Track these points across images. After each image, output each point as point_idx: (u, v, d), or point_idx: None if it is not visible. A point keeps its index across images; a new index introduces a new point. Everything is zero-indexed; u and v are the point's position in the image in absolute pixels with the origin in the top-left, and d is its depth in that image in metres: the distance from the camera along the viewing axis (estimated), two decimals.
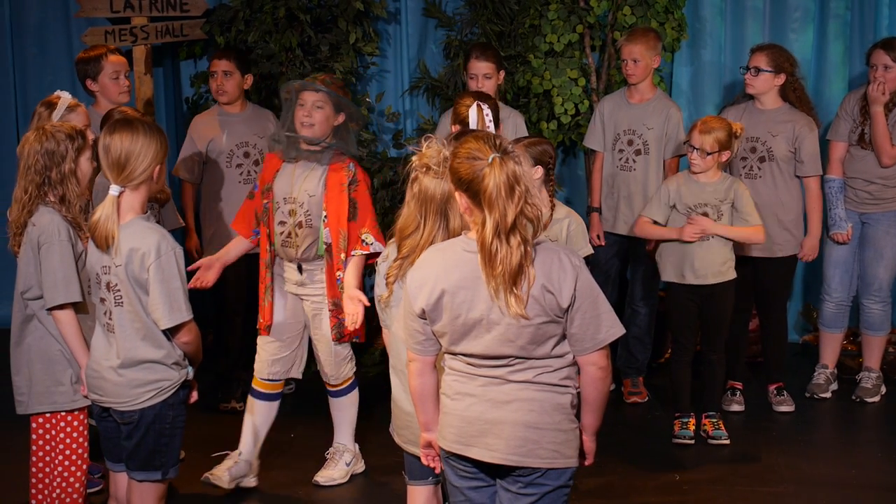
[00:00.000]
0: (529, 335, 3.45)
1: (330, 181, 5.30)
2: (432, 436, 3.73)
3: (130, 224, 4.02)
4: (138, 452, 4.12)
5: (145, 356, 4.07)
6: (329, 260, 5.31)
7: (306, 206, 5.30)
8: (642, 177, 6.67)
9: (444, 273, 3.47)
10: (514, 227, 3.38)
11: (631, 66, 6.60)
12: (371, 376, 7.23)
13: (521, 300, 3.39)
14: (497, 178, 3.37)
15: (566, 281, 3.44)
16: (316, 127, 5.28)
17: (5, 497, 5.46)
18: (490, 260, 3.39)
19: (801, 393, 6.78)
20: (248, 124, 6.76)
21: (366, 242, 5.26)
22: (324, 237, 5.30)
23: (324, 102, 5.28)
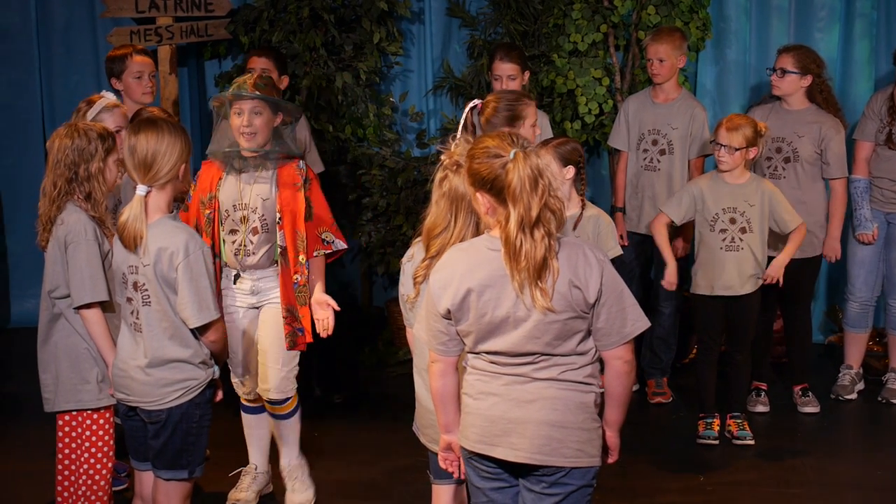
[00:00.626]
0: (556, 331, 3.45)
1: (282, 181, 5.06)
2: (452, 437, 3.72)
3: (158, 223, 4.04)
4: (165, 451, 4.13)
5: (173, 355, 4.08)
6: (284, 264, 5.04)
7: (260, 210, 5.05)
8: (667, 177, 6.65)
9: (468, 272, 3.47)
10: (539, 221, 3.39)
11: (656, 65, 6.59)
12: (395, 376, 7.24)
13: (547, 294, 3.40)
14: (521, 172, 3.38)
15: (592, 276, 3.45)
16: (258, 135, 4.98)
17: (32, 495, 5.49)
18: (515, 255, 3.39)
19: (826, 394, 6.76)
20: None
21: (326, 241, 5.13)
22: (279, 240, 5.04)
23: (262, 107, 4.99)
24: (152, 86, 6.25)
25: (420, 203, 7.47)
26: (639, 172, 6.74)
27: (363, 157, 7.60)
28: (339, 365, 7.35)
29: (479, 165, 3.45)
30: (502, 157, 3.42)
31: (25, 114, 8.19)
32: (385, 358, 7.52)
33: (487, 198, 3.46)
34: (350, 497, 5.52)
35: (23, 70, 8.14)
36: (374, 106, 7.70)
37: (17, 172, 8.18)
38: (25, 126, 8.19)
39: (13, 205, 8.24)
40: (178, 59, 7.65)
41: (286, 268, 5.02)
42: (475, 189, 3.49)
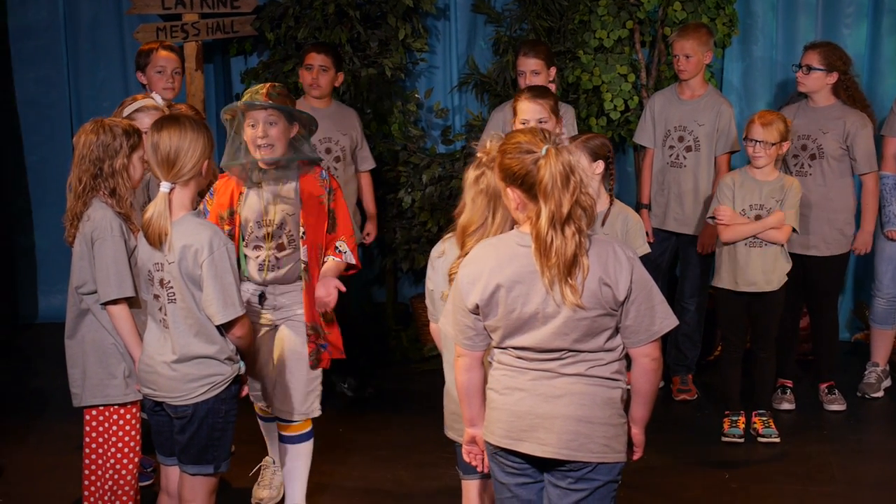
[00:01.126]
0: (585, 328, 3.45)
1: (305, 195, 4.86)
2: (477, 431, 3.73)
3: (182, 221, 4.05)
4: (191, 446, 4.15)
5: (199, 352, 4.10)
6: (307, 280, 4.86)
7: (287, 226, 4.86)
8: (693, 173, 6.63)
9: (498, 267, 3.48)
10: (570, 218, 3.40)
11: (683, 61, 6.57)
12: (420, 373, 7.25)
13: (577, 290, 3.41)
14: (553, 168, 3.39)
15: (622, 273, 3.46)
16: (276, 146, 4.74)
17: (59, 489, 5.52)
18: (545, 251, 3.40)
19: (852, 392, 6.73)
20: (333, 120, 6.75)
21: (339, 250, 4.93)
22: (302, 256, 4.86)
23: (276, 117, 4.74)
24: (174, 82, 6.25)
25: (445, 199, 7.48)
26: (664, 169, 6.72)
27: (388, 154, 7.61)
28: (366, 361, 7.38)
29: (510, 161, 3.46)
30: (534, 153, 3.43)
31: (53, 110, 8.24)
32: (410, 354, 7.54)
33: (518, 193, 3.47)
34: (374, 494, 5.53)
35: (50, 66, 8.20)
36: (400, 102, 7.71)
37: (45, 168, 8.25)
38: (53, 122, 8.25)
39: (41, 201, 8.30)
40: (204, 55, 7.68)
41: (309, 284, 4.86)
42: (506, 184, 3.50)
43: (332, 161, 6.67)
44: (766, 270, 5.97)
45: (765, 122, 5.91)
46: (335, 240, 4.93)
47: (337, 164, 6.70)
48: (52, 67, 8.21)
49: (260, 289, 4.91)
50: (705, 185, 6.57)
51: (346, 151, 6.74)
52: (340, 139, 6.72)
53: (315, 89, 6.68)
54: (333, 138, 6.70)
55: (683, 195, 6.65)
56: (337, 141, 6.71)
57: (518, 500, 3.65)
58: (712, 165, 6.62)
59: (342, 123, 6.76)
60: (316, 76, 6.66)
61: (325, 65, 6.66)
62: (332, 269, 4.90)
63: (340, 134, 6.73)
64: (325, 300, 4.79)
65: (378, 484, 5.63)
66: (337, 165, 6.69)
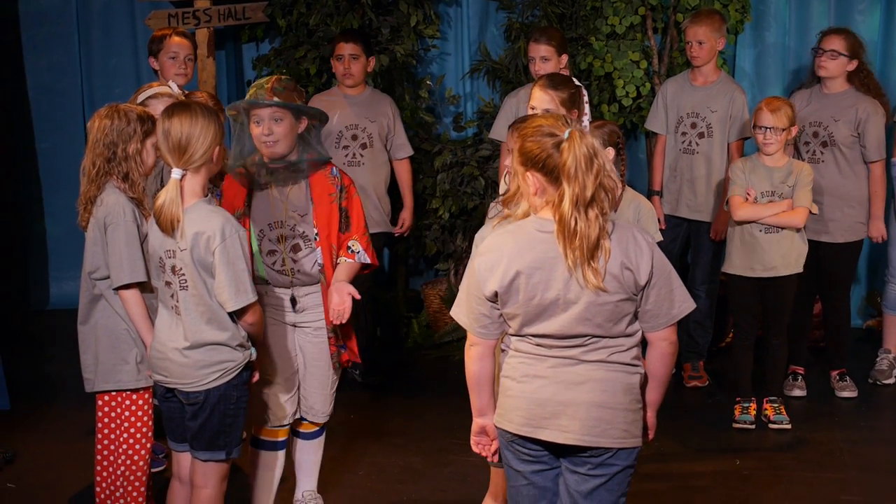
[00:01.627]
0: (607, 313, 3.46)
1: (316, 194, 4.67)
2: (487, 420, 3.72)
3: (194, 208, 4.06)
4: (203, 433, 4.16)
5: (211, 338, 4.10)
6: (324, 282, 4.69)
7: (300, 227, 4.66)
8: (705, 160, 6.62)
9: (517, 254, 3.47)
10: (593, 200, 3.40)
11: (696, 48, 6.56)
12: (430, 359, 7.27)
13: (599, 273, 3.41)
14: (577, 151, 3.39)
15: (643, 258, 3.47)
16: (281, 142, 4.54)
17: (71, 475, 5.54)
18: (569, 234, 3.39)
19: (864, 379, 6.72)
20: (363, 107, 6.77)
21: (352, 250, 4.71)
22: (318, 258, 4.68)
23: (282, 113, 4.55)
24: (187, 68, 6.25)
25: (457, 186, 7.48)
26: (677, 156, 6.71)
27: None
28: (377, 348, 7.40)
29: (531, 144, 3.45)
30: (556, 136, 3.42)
31: (64, 97, 8.26)
32: (421, 341, 7.54)
33: (538, 177, 3.46)
34: (385, 480, 5.54)
35: (62, 53, 8.22)
36: (411, 89, 7.71)
37: (57, 155, 8.27)
38: (64, 109, 8.27)
39: (52, 187, 8.32)
40: (216, 42, 7.68)
41: (324, 286, 4.70)
42: (525, 168, 3.49)
43: (358, 148, 6.68)
44: (784, 254, 5.95)
45: (773, 108, 5.90)
46: (348, 239, 4.72)
47: (363, 152, 6.71)
48: (64, 54, 8.22)
49: (289, 292, 4.71)
50: (718, 172, 6.56)
51: (375, 138, 6.75)
52: (368, 126, 6.74)
53: (348, 78, 6.72)
54: (360, 125, 6.72)
55: (696, 182, 6.64)
56: (364, 128, 6.73)
57: (534, 488, 3.64)
58: (725, 152, 6.60)
59: (372, 110, 6.78)
60: (348, 65, 6.70)
61: (356, 52, 6.69)
62: (344, 274, 4.68)
63: (368, 121, 6.75)
64: (338, 309, 4.61)
65: (389, 470, 5.64)
66: (363, 153, 6.71)
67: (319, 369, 4.78)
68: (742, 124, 6.55)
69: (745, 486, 5.44)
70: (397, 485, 5.49)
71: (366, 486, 5.47)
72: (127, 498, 4.63)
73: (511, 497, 3.71)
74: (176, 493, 4.40)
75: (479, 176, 7.43)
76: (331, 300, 4.63)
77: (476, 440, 3.80)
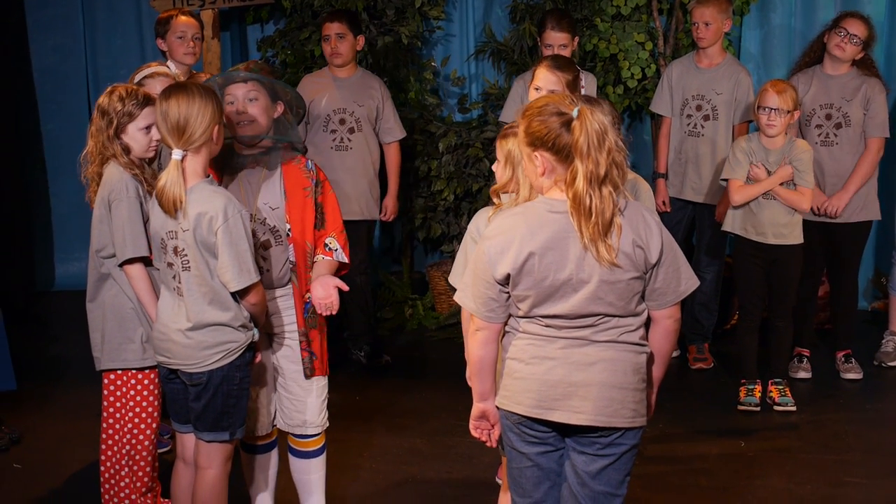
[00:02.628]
0: (619, 291, 3.46)
1: (289, 187, 4.41)
2: (489, 405, 3.71)
3: (196, 188, 4.05)
4: (207, 413, 4.17)
5: (213, 319, 4.10)
6: (295, 282, 4.43)
7: (271, 221, 4.38)
8: (711, 142, 6.61)
9: (529, 235, 3.46)
10: (606, 177, 3.40)
11: (702, 29, 6.53)
12: (435, 341, 7.27)
13: (613, 249, 3.42)
14: (589, 128, 3.39)
15: (653, 237, 3.48)
16: (256, 122, 4.31)
17: (76, 455, 5.56)
18: (585, 211, 3.39)
19: (869, 360, 6.72)
20: (352, 90, 6.72)
21: (329, 247, 4.48)
22: (290, 255, 4.42)
23: (257, 92, 4.32)
24: (195, 47, 6.25)
25: (461, 168, 7.47)
26: (682, 138, 6.70)
27: (404, 122, 7.59)
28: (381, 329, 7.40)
29: (539, 124, 3.44)
30: (565, 115, 3.41)
31: (69, 78, 8.26)
32: (426, 322, 7.55)
33: (547, 157, 3.45)
34: (391, 462, 5.55)
35: (67, 35, 8.22)
36: (416, 70, 7.70)
37: (61, 137, 8.27)
38: (69, 90, 8.27)
39: (57, 169, 8.32)
40: (221, 23, 7.66)
41: (297, 288, 4.44)
42: (533, 149, 3.47)
43: (346, 132, 6.66)
44: (774, 222, 5.93)
45: (779, 89, 5.88)
46: (324, 236, 4.49)
47: (352, 136, 6.68)
48: (69, 36, 8.22)
49: None
50: (723, 155, 6.54)
51: (363, 122, 6.70)
52: (356, 110, 6.68)
53: (337, 57, 6.67)
54: (348, 109, 6.66)
55: (701, 164, 6.62)
56: (352, 112, 6.67)
57: (538, 469, 3.64)
58: (730, 134, 6.59)
59: (360, 94, 6.73)
60: (335, 45, 6.64)
61: (342, 32, 6.63)
62: (325, 269, 4.45)
63: (357, 105, 6.69)
64: (325, 302, 4.34)
65: (394, 451, 5.65)
66: (351, 137, 6.68)
67: (301, 379, 4.51)
68: (747, 107, 6.53)
69: (750, 467, 5.44)
70: (402, 466, 5.50)
71: (371, 467, 5.48)
72: (132, 477, 4.64)
73: (513, 479, 3.70)
74: (180, 474, 4.40)
75: (484, 158, 7.42)
76: (314, 295, 4.36)
77: (476, 424, 3.77)
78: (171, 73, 5.13)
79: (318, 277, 4.42)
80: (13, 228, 8.07)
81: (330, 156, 6.62)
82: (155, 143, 4.51)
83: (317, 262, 4.48)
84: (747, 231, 6.00)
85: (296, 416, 4.54)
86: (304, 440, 4.59)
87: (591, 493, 3.57)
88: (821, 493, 5.19)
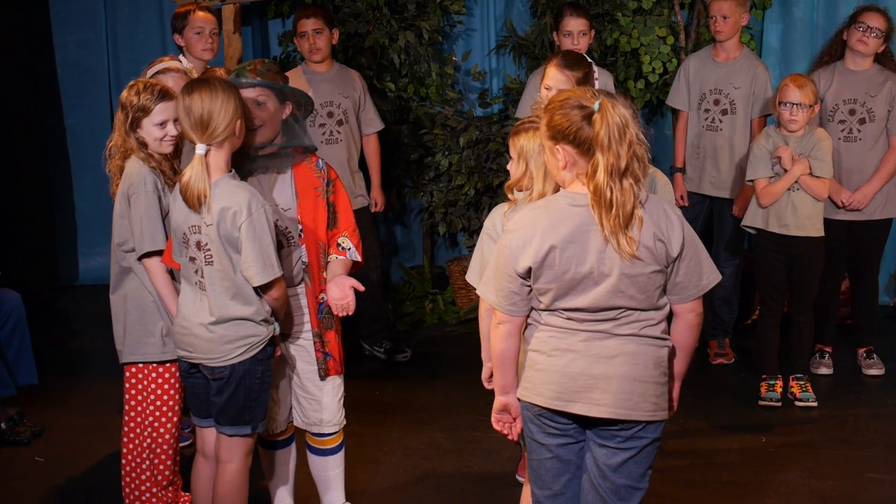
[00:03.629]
0: (640, 285, 3.47)
1: (300, 187, 4.40)
2: (511, 398, 3.72)
3: (219, 183, 4.06)
4: (229, 408, 4.18)
5: (236, 314, 4.11)
6: (308, 283, 4.43)
7: (283, 222, 4.38)
8: (728, 137, 6.59)
9: (551, 229, 3.47)
10: (627, 170, 3.41)
11: (720, 22, 6.52)
12: (456, 335, 7.28)
13: (634, 242, 3.43)
14: (610, 121, 3.40)
15: (674, 231, 3.49)
16: (264, 127, 4.28)
17: (98, 448, 5.59)
18: (606, 204, 3.40)
19: (891, 356, 6.69)
20: (334, 83, 6.75)
21: (342, 247, 4.48)
22: (302, 256, 4.42)
23: (265, 96, 4.28)
24: (213, 43, 6.26)
25: (482, 163, 7.47)
26: (700, 133, 6.68)
27: (425, 117, 7.60)
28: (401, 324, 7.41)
29: (560, 118, 3.45)
30: (586, 108, 3.43)
31: (92, 73, 8.29)
32: (446, 317, 7.55)
33: (568, 150, 3.46)
34: (410, 456, 5.56)
35: (90, 29, 8.24)
36: (437, 65, 7.70)
37: (85, 131, 8.30)
38: (92, 85, 8.30)
39: (80, 163, 8.35)
40: (242, 18, 7.67)
41: (311, 288, 4.43)
42: (555, 142, 3.48)
43: (335, 125, 6.67)
44: (798, 214, 5.91)
45: (799, 84, 5.88)
46: (337, 236, 4.49)
47: (340, 128, 6.69)
48: (92, 30, 8.25)
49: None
50: (741, 148, 6.53)
51: (349, 114, 6.73)
52: (342, 102, 6.71)
53: (316, 53, 6.67)
54: (335, 101, 6.69)
55: (719, 158, 6.61)
56: (339, 104, 6.70)
57: (558, 461, 3.65)
58: (748, 128, 6.57)
59: (343, 86, 6.76)
60: (313, 41, 6.65)
61: (318, 27, 6.64)
62: (340, 269, 4.46)
63: (342, 97, 6.71)
64: (341, 303, 4.37)
65: (414, 446, 5.66)
66: (340, 129, 6.69)
67: (317, 379, 4.52)
68: (765, 101, 6.51)
69: (771, 463, 5.43)
70: (422, 461, 5.51)
71: (391, 462, 5.49)
72: (153, 470, 4.66)
73: (532, 470, 3.71)
74: (201, 468, 4.41)
75: (505, 152, 7.42)
76: (330, 295, 4.40)
77: (497, 417, 3.79)
78: (182, 67, 5.13)
79: (334, 278, 4.43)
80: (37, 223, 8.11)
81: (321, 150, 6.62)
82: (170, 138, 4.52)
83: (330, 262, 4.48)
84: (769, 224, 5.99)
85: (313, 415, 4.56)
86: (322, 438, 4.62)
87: (613, 486, 3.58)
88: (842, 488, 5.18)
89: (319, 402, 4.53)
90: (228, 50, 7.42)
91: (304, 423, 4.59)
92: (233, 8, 7.48)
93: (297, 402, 4.58)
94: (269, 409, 4.45)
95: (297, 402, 4.58)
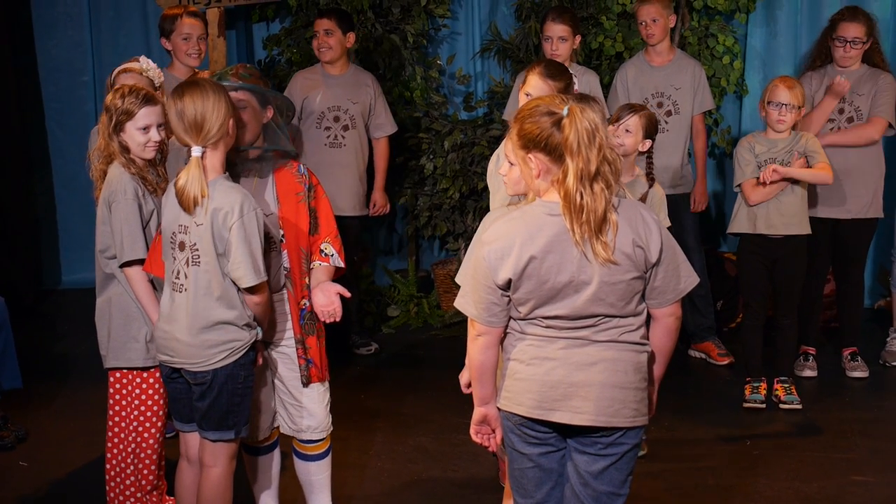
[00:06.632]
0: (620, 292, 3.46)
1: (282, 192, 4.38)
2: (490, 409, 3.70)
3: (213, 184, 4.05)
4: (211, 413, 4.17)
5: (219, 317, 4.10)
6: (290, 289, 4.41)
7: (266, 227, 4.27)
8: (675, 136, 6.67)
9: (529, 239, 3.45)
10: (598, 174, 3.40)
11: (651, 26, 6.62)
12: (441, 339, 7.27)
13: (608, 247, 3.41)
14: (579, 125, 3.39)
15: (653, 236, 3.48)
16: (245, 131, 4.26)
17: (82, 454, 5.57)
18: (576, 209, 3.39)
19: (874, 359, 6.71)
20: (346, 88, 6.77)
21: (325, 253, 4.46)
22: (284, 262, 4.39)
23: (247, 100, 4.26)
24: (200, 48, 6.28)
25: (467, 166, 7.47)
26: None
27: (410, 120, 7.60)
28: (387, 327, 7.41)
29: (530, 126, 3.44)
30: (555, 114, 3.42)
31: (75, 77, 8.26)
32: (431, 321, 7.55)
33: (541, 158, 3.45)
34: (396, 460, 5.55)
35: (73, 32, 8.22)
36: (422, 69, 7.70)
37: (67, 135, 8.27)
38: (75, 89, 8.27)
39: (62, 168, 8.33)
40: (227, 21, 7.66)
41: (293, 294, 4.41)
42: (526, 151, 3.47)
43: (340, 129, 6.68)
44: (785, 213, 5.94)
45: (789, 85, 5.92)
46: (319, 242, 4.47)
47: (346, 133, 6.72)
48: (75, 33, 8.22)
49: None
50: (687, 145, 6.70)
51: (357, 120, 6.76)
52: (350, 108, 6.75)
53: (326, 52, 6.70)
54: (343, 107, 6.73)
55: (671, 158, 6.61)
56: (346, 110, 6.74)
57: (539, 470, 3.64)
58: (689, 125, 6.71)
59: (354, 91, 6.79)
60: (322, 40, 6.72)
61: (330, 28, 6.69)
62: (324, 276, 4.46)
63: (350, 102, 6.76)
64: (327, 309, 4.41)
65: (400, 451, 5.65)
66: (345, 134, 6.72)
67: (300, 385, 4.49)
68: (705, 98, 6.69)
69: (756, 466, 5.44)
70: (408, 465, 5.50)
71: (377, 466, 5.48)
72: (138, 475, 4.65)
73: (514, 479, 3.70)
74: (185, 472, 4.39)
75: (490, 156, 7.41)
76: (316, 302, 4.41)
77: (476, 429, 3.76)
78: (138, 68, 5.00)
79: (319, 284, 4.43)
80: (20, 226, 8.09)
81: (324, 153, 6.69)
82: (153, 143, 4.50)
83: (314, 268, 4.47)
84: (756, 226, 6.00)
85: (299, 422, 4.53)
86: (308, 444, 4.59)
87: (594, 493, 3.58)
88: (826, 491, 5.19)
89: (305, 409, 4.51)
90: (213, 53, 7.42)
91: (291, 429, 4.57)
92: (217, 11, 7.48)
93: (283, 409, 4.56)
94: (252, 417, 4.41)
95: (284, 408, 4.56)
